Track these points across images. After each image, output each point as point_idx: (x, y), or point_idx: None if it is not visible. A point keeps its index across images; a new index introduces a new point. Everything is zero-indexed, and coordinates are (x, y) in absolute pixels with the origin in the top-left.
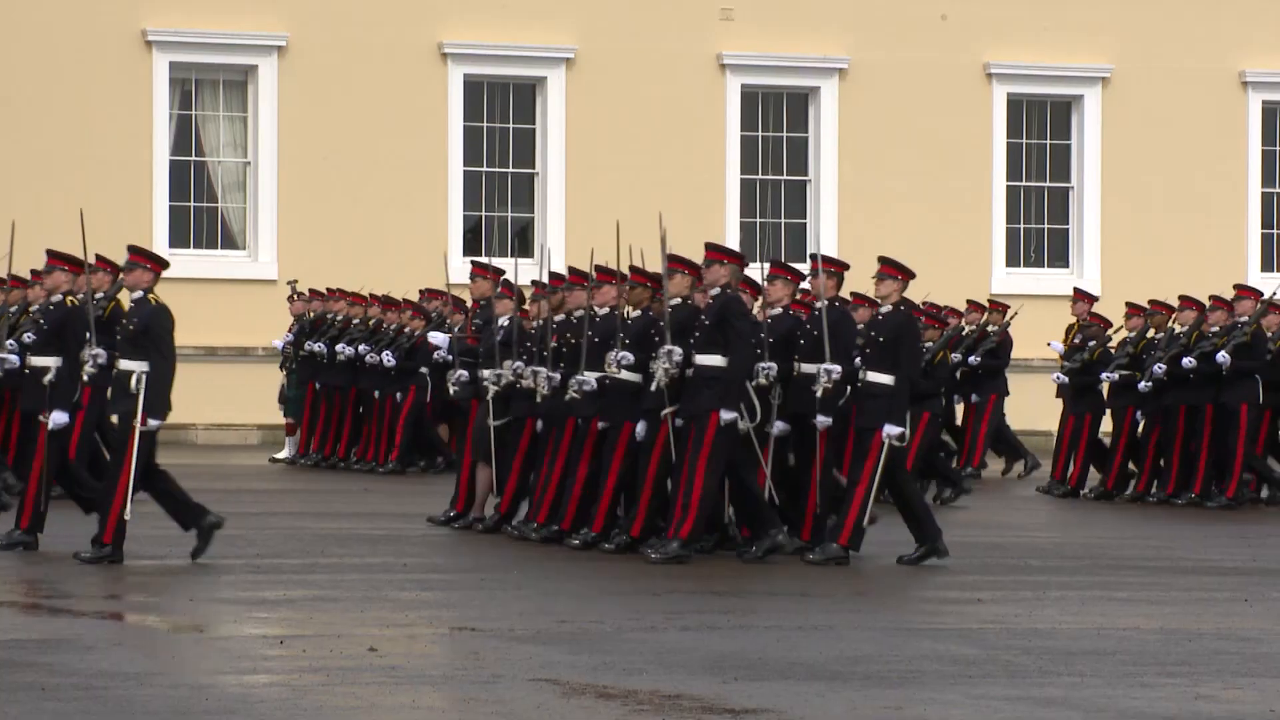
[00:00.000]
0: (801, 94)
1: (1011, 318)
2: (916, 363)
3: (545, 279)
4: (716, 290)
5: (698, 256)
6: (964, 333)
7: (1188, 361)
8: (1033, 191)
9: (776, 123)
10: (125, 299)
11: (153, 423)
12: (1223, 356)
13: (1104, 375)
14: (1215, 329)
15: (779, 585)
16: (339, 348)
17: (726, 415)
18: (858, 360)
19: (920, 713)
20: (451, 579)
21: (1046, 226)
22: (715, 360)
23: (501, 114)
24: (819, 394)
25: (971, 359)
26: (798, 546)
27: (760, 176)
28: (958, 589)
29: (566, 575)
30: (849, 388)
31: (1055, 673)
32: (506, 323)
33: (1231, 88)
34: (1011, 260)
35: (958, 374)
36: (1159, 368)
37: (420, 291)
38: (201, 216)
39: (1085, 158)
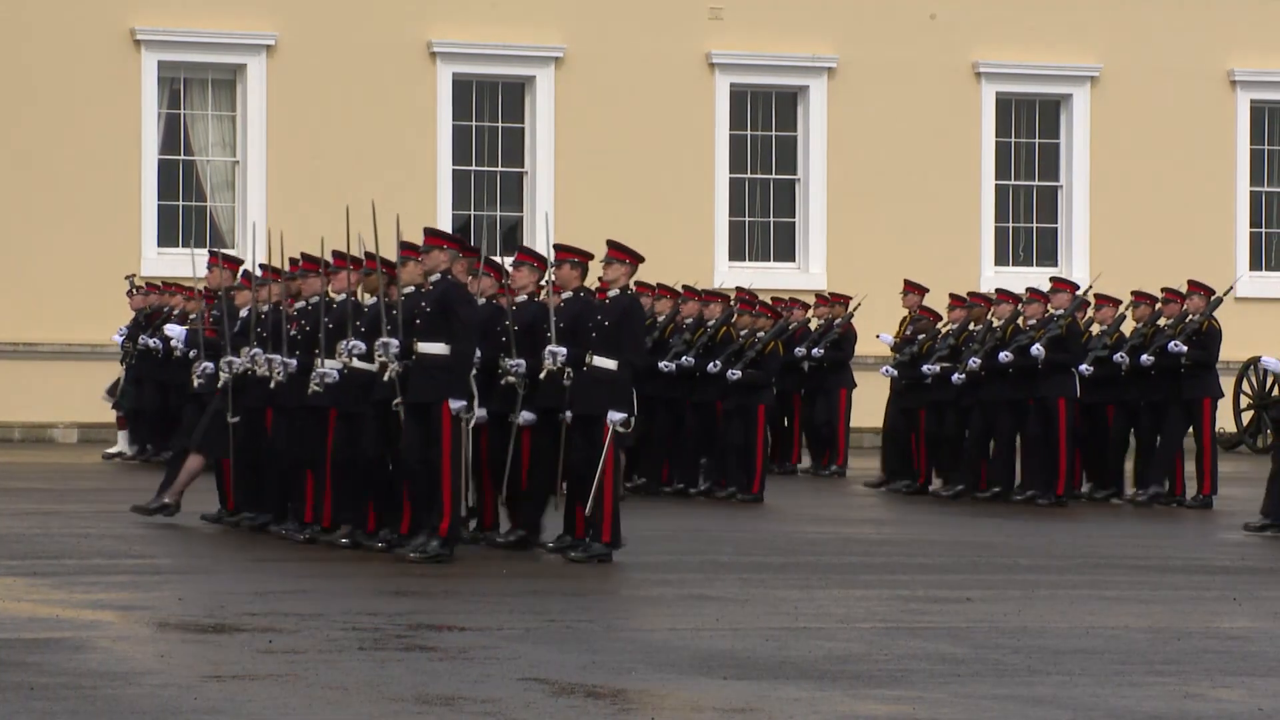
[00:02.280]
0: (790, 93)
1: (854, 310)
2: (640, 347)
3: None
4: (436, 276)
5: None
6: (810, 326)
7: (1004, 355)
8: (1021, 190)
9: (765, 122)
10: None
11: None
12: (1037, 350)
13: (925, 368)
14: (1032, 322)
15: (769, 585)
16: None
17: (455, 404)
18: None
19: (909, 712)
20: (440, 577)
21: (1035, 225)
22: (439, 349)
23: (490, 113)
24: (540, 376)
25: (815, 351)
26: (567, 544)
27: (749, 175)
28: (947, 588)
29: (556, 574)
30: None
31: (1044, 672)
32: (246, 314)
33: (1220, 87)
34: (1000, 259)
35: (805, 368)
36: (974, 361)
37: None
38: (190, 215)
39: (1074, 157)
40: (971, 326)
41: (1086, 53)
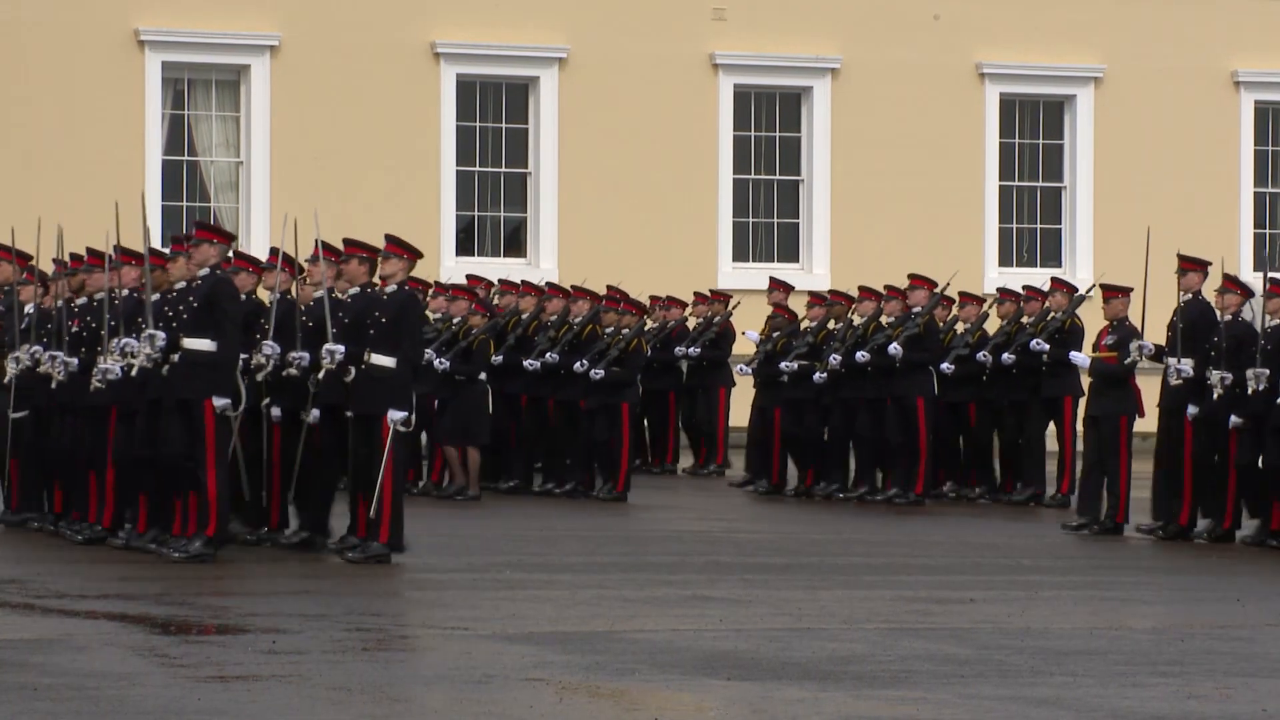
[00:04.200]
0: (794, 94)
1: (733, 309)
2: (417, 345)
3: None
4: (205, 271)
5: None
6: (689, 325)
7: (861, 354)
8: (1025, 191)
9: (769, 123)
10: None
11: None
12: (895, 349)
13: (783, 366)
14: (890, 320)
15: (772, 586)
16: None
17: (219, 402)
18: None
19: (912, 712)
20: (444, 579)
21: (1039, 226)
22: (205, 345)
23: (494, 114)
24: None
25: (693, 350)
26: (350, 544)
27: (752, 176)
28: (950, 589)
29: (559, 575)
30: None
31: (1047, 672)
32: (32, 310)
33: (1224, 87)
34: (1004, 260)
35: (683, 367)
36: (834, 359)
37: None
38: (194, 216)
39: (1078, 158)
40: (832, 325)
41: (1090, 54)
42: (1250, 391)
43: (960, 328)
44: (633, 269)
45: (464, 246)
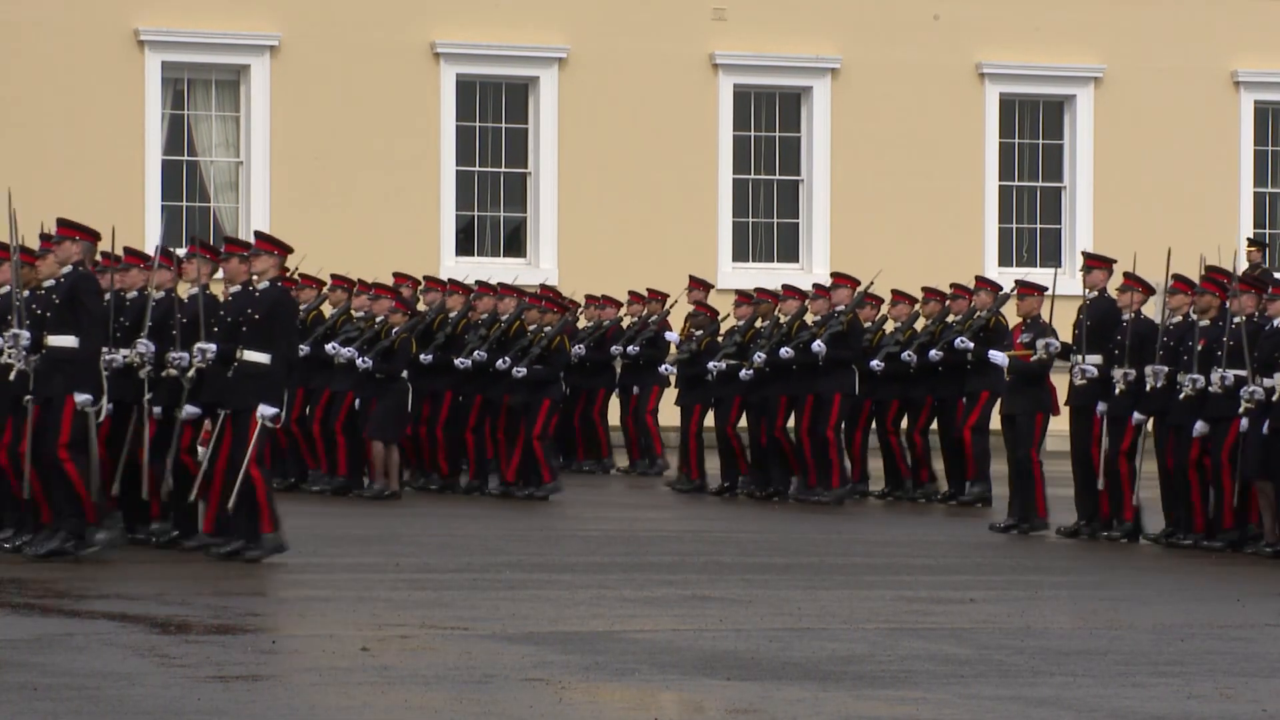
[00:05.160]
0: (794, 94)
1: (670, 308)
2: (292, 341)
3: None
4: (68, 269)
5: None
6: (623, 324)
7: (785, 352)
8: (1025, 191)
9: (769, 123)
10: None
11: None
12: (818, 346)
13: (710, 365)
14: (816, 318)
15: (772, 586)
16: None
17: (80, 398)
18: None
19: (912, 712)
20: (444, 579)
21: (1039, 226)
22: (68, 342)
23: (494, 114)
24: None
25: (630, 349)
26: (204, 542)
27: (752, 176)
28: (950, 589)
29: (559, 575)
30: None
31: (1048, 672)
32: None
33: (1224, 88)
34: (1004, 260)
35: (618, 365)
36: (759, 357)
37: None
38: (194, 216)
39: (1078, 158)
40: (758, 323)
41: (1090, 53)
42: (1149, 389)
43: (890, 326)
44: (632, 269)
45: (464, 246)
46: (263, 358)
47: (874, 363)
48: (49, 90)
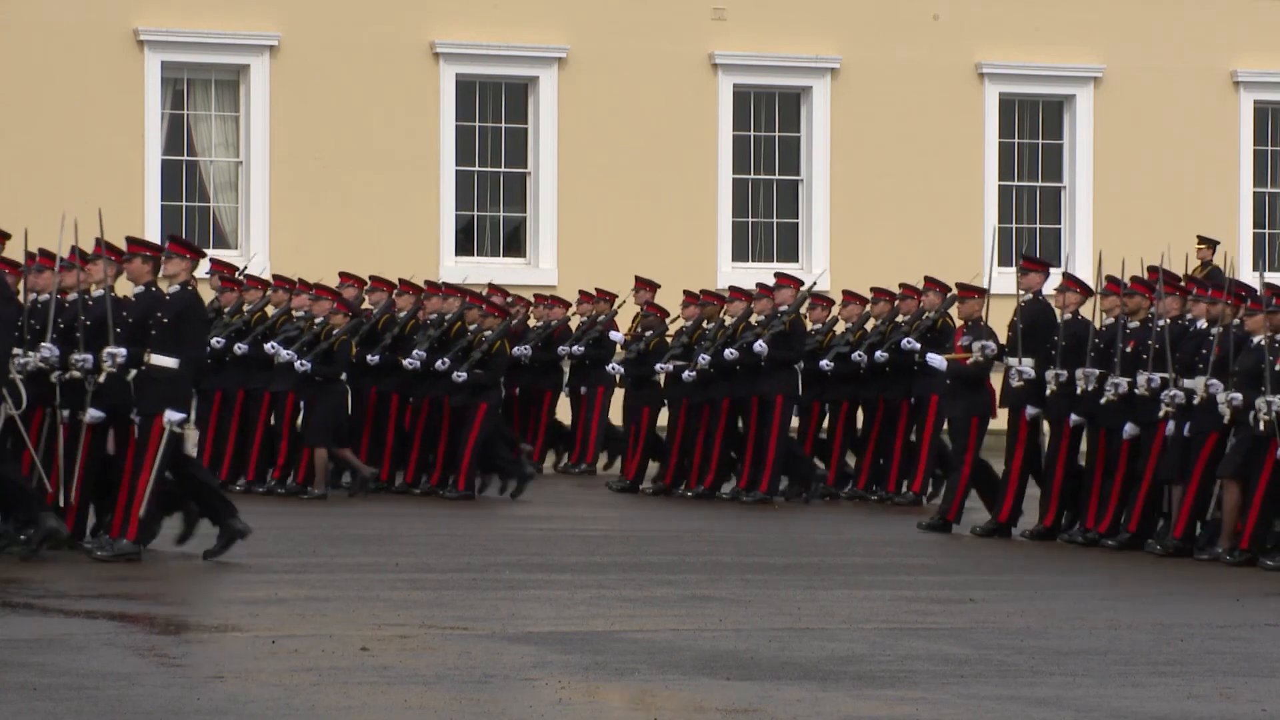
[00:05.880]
0: (793, 94)
1: (617, 309)
2: (200, 346)
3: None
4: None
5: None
6: (571, 325)
7: (729, 353)
8: (1025, 191)
9: (768, 122)
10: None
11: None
12: (760, 346)
13: (658, 366)
14: (759, 318)
15: (772, 586)
16: None
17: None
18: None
19: (912, 712)
20: (443, 579)
21: (1039, 226)
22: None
23: (493, 114)
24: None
25: (576, 349)
26: (103, 542)
27: (752, 176)
28: (950, 588)
29: (559, 575)
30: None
31: (1047, 672)
32: None
33: (1223, 87)
34: (1004, 259)
35: (566, 367)
36: (703, 358)
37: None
38: (194, 216)
39: (1078, 158)
40: (705, 324)
41: (1089, 53)
42: (1079, 391)
43: (841, 327)
44: (632, 269)
45: (463, 246)
46: (170, 362)
47: (824, 363)
48: (49, 90)
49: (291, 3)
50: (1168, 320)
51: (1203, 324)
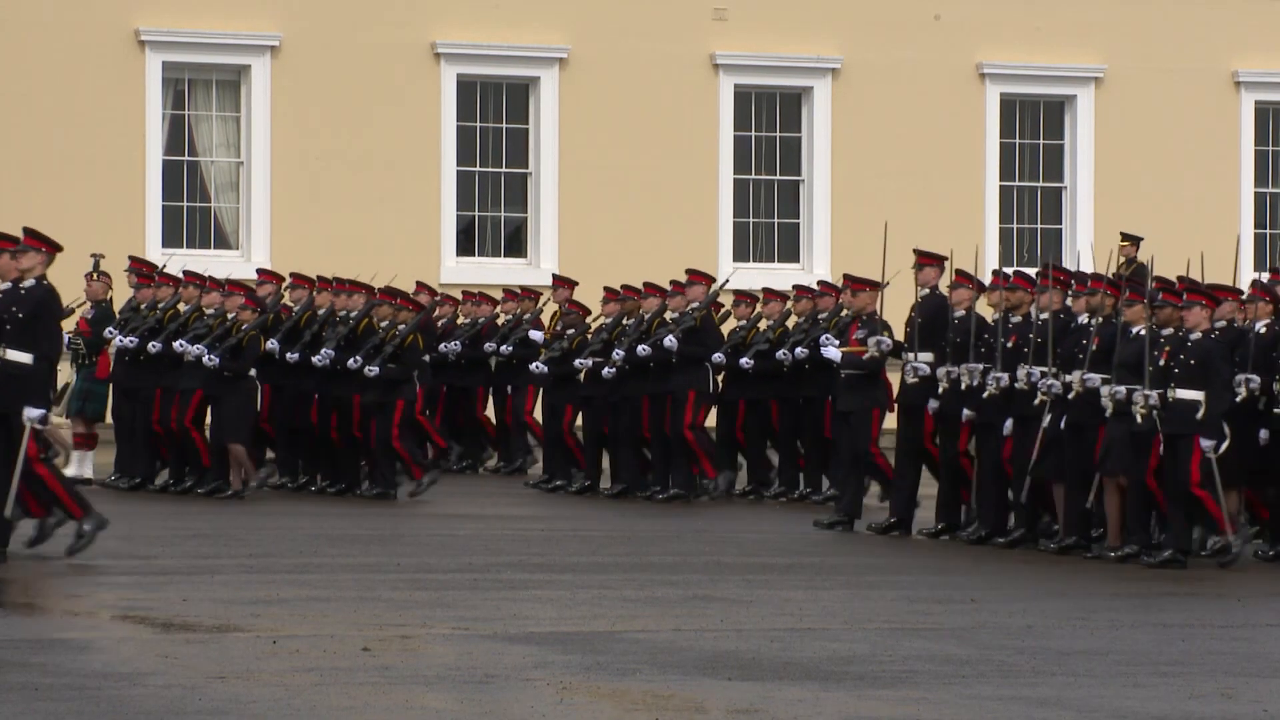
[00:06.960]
0: (794, 94)
1: (542, 306)
2: (55, 342)
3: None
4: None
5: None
6: (498, 321)
7: (642, 349)
8: (1025, 191)
9: (769, 123)
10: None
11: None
12: (670, 341)
13: (578, 362)
14: (673, 315)
15: (774, 586)
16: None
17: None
18: None
19: (914, 713)
20: (445, 579)
21: (1039, 226)
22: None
23: (494, 114)
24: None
25: (504, 348)
26: None
27: (753, 176)
28: (951, 589)
29: (560, 575)
30: None
31: (1049, 673)
32: None
33: (1224, 88)
34: (1005, 260)
35: (492, 364)
36: (618, 353)
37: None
38: (194, 216)
39: (1078, 158)
40: (625, 321)
41: (1090, 54)
42: (964, 387)
43: (763, 324)
44: (633, 269)
45: (464, 247)
46: (25, 358)
47: (744, 360)
48: (49, 90)
49: (292, 3)
50: (1049, 314)
51: (1084, 318)
